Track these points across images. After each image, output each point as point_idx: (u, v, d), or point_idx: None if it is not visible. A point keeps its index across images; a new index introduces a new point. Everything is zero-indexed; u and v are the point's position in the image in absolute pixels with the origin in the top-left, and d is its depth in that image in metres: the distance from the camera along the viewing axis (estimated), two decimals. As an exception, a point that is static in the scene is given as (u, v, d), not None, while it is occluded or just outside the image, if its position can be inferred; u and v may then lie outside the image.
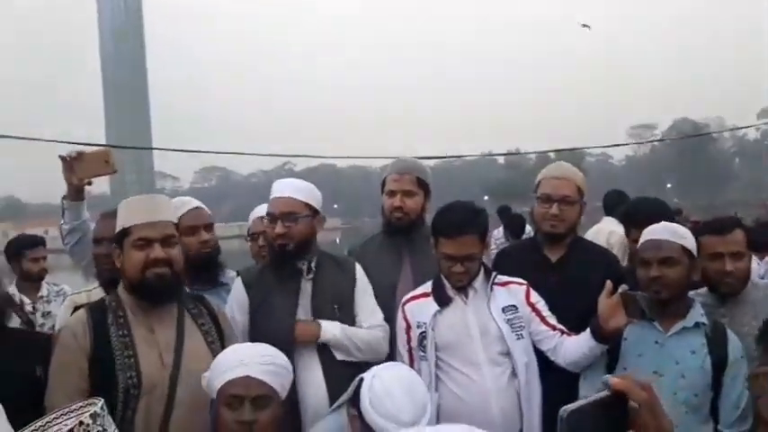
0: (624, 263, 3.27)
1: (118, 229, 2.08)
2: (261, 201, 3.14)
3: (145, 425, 1.94)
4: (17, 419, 1.53)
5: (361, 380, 1.91)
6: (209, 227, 2.72)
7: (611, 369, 2.27)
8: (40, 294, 3.91)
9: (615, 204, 4.74)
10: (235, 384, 1.73)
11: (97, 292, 2.49)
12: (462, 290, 2.38)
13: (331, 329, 2.40)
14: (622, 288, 2.18)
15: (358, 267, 2.61)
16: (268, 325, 2.36)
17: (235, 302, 2.48)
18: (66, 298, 3.28)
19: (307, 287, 2.47)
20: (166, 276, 2.03)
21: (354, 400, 1.89)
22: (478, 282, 2.40)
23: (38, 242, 4.06)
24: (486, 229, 2.40)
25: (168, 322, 2.08)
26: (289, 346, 2.27)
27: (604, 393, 0.88)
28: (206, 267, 2.65)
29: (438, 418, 2.19)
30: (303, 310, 2.44)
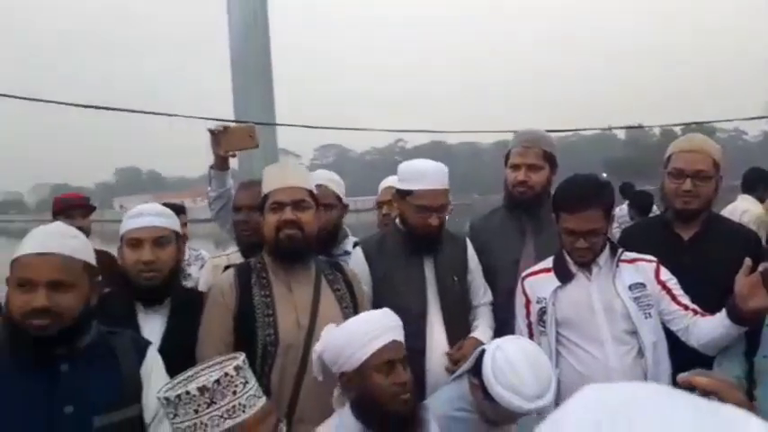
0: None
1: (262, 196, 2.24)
2: (375, 176, 3.21)
3: (280, 380, 2.09)
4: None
5: (483, 351, 1.94)
6: (328, 206, 2.75)
7: (750, 356, 2.12)
8: None
9: (755, 182, 4.43)
10: (387, 350, 1.79)
11: (235, 257, 2.70)
12: (586, 266, 2.32)
13: (485, 337, 2.48)
14: (763, 266, 2.03)
15: (468, 242, 2.66)
16: (399, 297, 2.39)
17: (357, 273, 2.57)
18: (203, 262, 3.57)
19: (429, 260, 2.53)
20: (296, 238, 2.15)
21: (476, 370, 1.92)
22: (603, 258, 2.32)
23: (179, 210, 4.37)
24: (611, 203, 2.31)
25: (305, 285, 2.21)
26: (421, 317, 2.39)
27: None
28: (322, 244, 2.68)
29: (558, 394, 2.18)
30: (430, 283, 2.51)
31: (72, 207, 3.78)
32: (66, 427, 1.61)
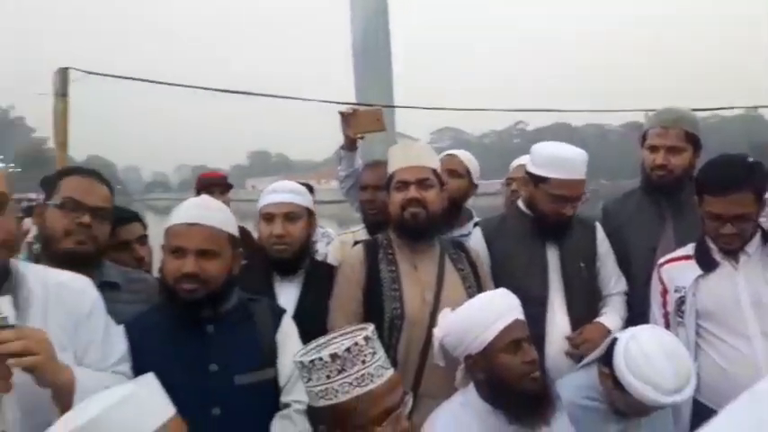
0: None
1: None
2: (493, 160, 3.16)
3: (406, 354, 2.13)
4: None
5: (615, 339, 1.86)
6: (455, 173, 2.80)
7: None
8: None
9: None
10: (512, 329, 1.77)
11: (361, 234, 2.79)
12: (732, 254, 2.14)
13: (613, 324, 2.37)
14: None
15: (599, 227, 2.54)
16: (518, 281, 2.29)
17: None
18: (329, 239, 3.72)
19: (553, 245, 2.45)
20: (420, 216, 2.19)
21: (607, 359, 1.84)
22: (753, 246, 2.13)
23: (308, 189, 4.53)
24: (763, 185, 2.11)
25: (430, 262, 2.24)
26: (541, 302, 2.34)
27: None
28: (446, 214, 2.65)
29: (696, 389, 2.04)
30: (553, 268, 2.43)
31: (212, 185, 4.08)
32: (211, 384, 1.75)
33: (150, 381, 1.33)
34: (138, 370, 1.66)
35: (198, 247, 1.75)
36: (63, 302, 1.56)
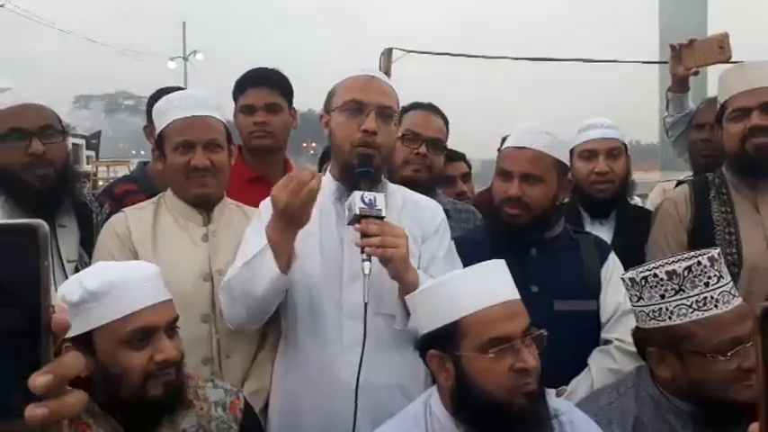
0: None
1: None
2: None
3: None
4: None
5: None
6: None
7: None
8: None
9: None
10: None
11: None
12: None
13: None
14: None
15: None
16: None
17: None
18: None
19: None
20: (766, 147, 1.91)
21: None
22: None
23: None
24: None
25: None
26: None
27: None
28: None
29: None
30: None
31: None
32: (531, 305, 1.80)
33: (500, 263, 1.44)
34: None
35: (522, 171, 1.79)
36: (415, 216, 1.75)
